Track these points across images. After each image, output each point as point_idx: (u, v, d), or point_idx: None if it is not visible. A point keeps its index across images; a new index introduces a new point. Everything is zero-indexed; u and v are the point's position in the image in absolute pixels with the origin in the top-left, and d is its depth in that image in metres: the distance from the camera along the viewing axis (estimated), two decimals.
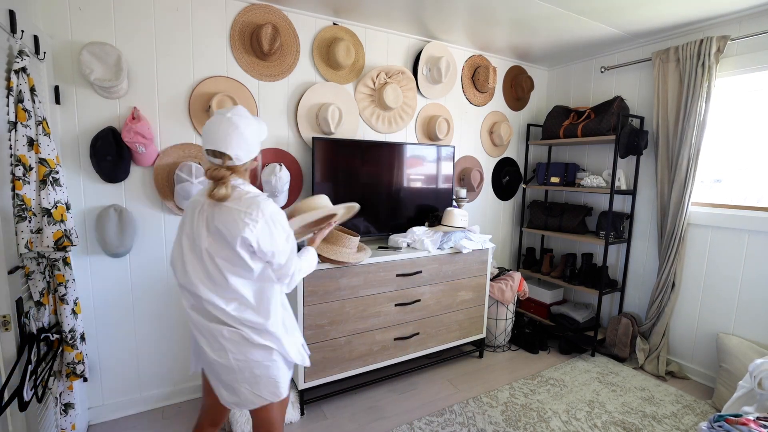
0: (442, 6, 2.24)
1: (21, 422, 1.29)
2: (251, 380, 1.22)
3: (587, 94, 3.16)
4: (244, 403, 1.26)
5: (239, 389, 1.23)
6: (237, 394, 1.24)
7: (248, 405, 1.26)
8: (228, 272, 1.17)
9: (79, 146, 1.86)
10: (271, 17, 2.22)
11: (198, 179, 1.97)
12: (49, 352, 1.49)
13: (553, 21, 2.40)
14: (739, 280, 2.33)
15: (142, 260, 2.06)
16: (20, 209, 1.30)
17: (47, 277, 1.51)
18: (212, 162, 1.16)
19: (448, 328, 2.55)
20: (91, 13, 1.82)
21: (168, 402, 2.21)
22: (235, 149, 1.15)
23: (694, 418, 2.14)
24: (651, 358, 2.62)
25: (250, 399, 1.24)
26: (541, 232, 3.22)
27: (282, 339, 1.26)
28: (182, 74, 2.05)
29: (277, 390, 1.27)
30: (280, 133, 2.35)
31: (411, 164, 2.64)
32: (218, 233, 1.16)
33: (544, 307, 3.17)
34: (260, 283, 1.23)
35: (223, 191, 1.13)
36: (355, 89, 2.56)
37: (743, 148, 2.40)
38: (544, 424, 2.07)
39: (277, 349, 1.25)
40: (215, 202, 1.16)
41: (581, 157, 3.22)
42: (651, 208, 2.76)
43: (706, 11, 2.22)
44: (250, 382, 1.22)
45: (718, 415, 1.44)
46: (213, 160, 1.16)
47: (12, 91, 1.29)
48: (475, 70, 3.04)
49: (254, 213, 1.13)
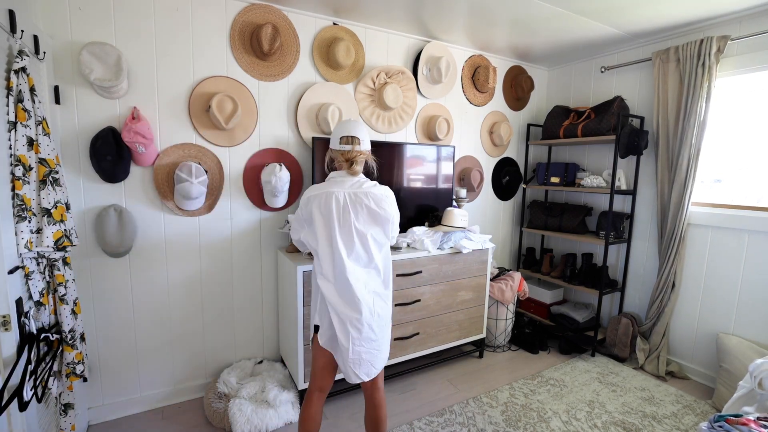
0: (442, 6, 2.24)
1: (21, 422, 1.29)
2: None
3: (587, 94, 3.16)
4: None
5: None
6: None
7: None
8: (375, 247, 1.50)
9: (79, 146, 1.86)
10: (271, 17, 2.22)
11: (198, 179, 1.97)
12: (49, 352, 1.49)
13: (553, 21, 2.40)
14: (739, 280, 2.33)
15: (142, 260, 2.06)
16: (20, 209, 1.30)
17: (47, 277, 1.50)
18: (343, 149, 1.50)
19: (448, 328, 2.55)
20: (91, 13, 1.82)
21: (168, 402, 2.21)
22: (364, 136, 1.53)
23: (694, 418, 2.14)
24: (651, 358, 2.62)
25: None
26: (541, 232, 3.22)
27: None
28: (182, 74, 2.05)
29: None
30: (280, 133, 2.35)
31: (411, 164, 2.64)
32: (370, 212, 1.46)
33: (544, 307, 3.17)
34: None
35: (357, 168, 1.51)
36: (355, 89, 2.56)
37: (743, 148, 2.40)
38: (544, 425, 2.07)
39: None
40: (357, 190, 1.46)
41: (581, 157, 3.22)
42: (651, 208, 2.76)
43: (706, 11, 2.22)
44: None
45: (719, 415, 1.44)
46: (344, 147, 1.49)
47: (12, 90, 1.29)
48: (475, 70, 3.04)
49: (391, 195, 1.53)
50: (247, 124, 2.23)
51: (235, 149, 2.23)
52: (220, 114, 2.05)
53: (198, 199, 2.07)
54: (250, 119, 2.24)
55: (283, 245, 2.43)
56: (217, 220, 2.23)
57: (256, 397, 2.05)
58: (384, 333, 1.53)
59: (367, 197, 1.45)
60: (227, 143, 2.19)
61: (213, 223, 2.22)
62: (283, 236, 2.43)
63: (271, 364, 2.35)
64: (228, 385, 2.12)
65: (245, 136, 2.24)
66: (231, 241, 2.28)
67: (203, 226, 2.20)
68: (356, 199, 1.45)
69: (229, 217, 2.26)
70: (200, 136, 2.12)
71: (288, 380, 2.24)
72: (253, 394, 2.05)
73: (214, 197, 2.19)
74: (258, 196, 2.31)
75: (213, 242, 2.23)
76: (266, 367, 2.32)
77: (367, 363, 1.49)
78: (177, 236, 2.13)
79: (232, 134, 2.19)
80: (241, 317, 2.37)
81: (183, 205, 2.07)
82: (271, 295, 2.45)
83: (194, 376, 2.28)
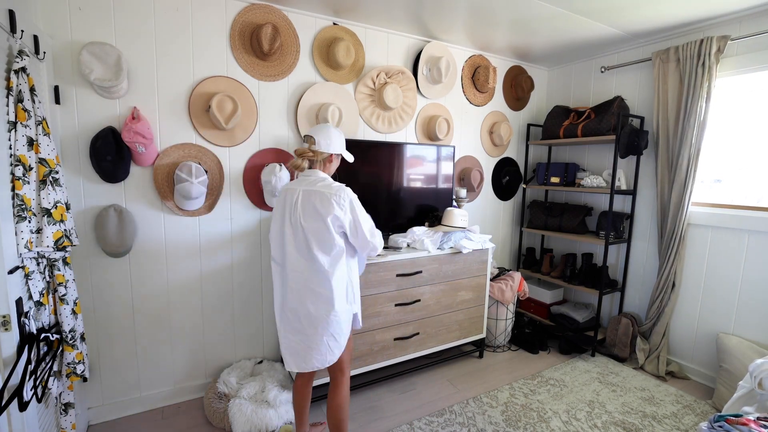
0: (442, 6, 2.24)
1: (21, 422, 1.29)
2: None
3: (587, 94, 3.16)
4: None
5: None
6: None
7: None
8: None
9: (78, 146, 1.86)
10: (271, 17, 2.22)
11: (198, 179, 1.97)
12: (48, 352, 1.49)
13: (553, 21, 2.40)
14: (739, 280, 2.33)
15: (142, 260, 2.06)
16: (20, 209, 1.30)
17: (47, 277, 1.50)
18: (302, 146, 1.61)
19: (448, 328, 2.55)
20: (91, 13, 1.82)
21: (168, 402, 2.21)
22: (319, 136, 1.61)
23: (694, 418, 2.14)
24: (651, 358, 2.62)
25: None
26: (541, 232, 3.22)
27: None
28: (182, 74, 2.05)
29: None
30: (280, 133, 2.35)
31: (411, 164, 2.64)
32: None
33: (544, 307, 3.17)
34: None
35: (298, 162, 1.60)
36: (355, 89, 2.56)
37: (743, 148, 2.40)
38: (544, 425, 2.07)
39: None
40: (311, 187, 1.53)
41: (581, 157, 3.22)
42: (651, 208, 2.76)
43: (706, 11, 2.22)
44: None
45: (719, 415, 1.44)
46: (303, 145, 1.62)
47: (12, 90, 1.29)
48: (475, 70, 3.04)
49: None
50: (247, 124, 2.23)
51: (235, 149, 2.23)
52: (220, 114, 2.05)
53: (198, 199, 2.07)
54: (250, 119, 2.24)
55: None
56: (217, 220, 2.23)
57: (256, 397, 2.05)
58: (314, 332, 1.54)
59: (315, 195, 1.52)
60: (227, 143, 2.19)
61: (213, 223, 2.22)
62: None
63: (271, 364, 2.35)
64: (228, 385, 2.12)
65: (245, 136, 2.24)
66: (231, 241, 2.28)
67: (203, 226, 2.20)
68: (306, 196, 1.54)
69: (229, 217, 2.26)
70: (200, 136, 2.12)
71: (288, 380, 2.24)
72: (253, 394, 2.05)
73: (214, 197, 2.19)
74: (258, 196, 2.31)
75: (213, 242, 2.23)
76: (266, 367, 2.32)
77: (297, 354, 1.58)
78: (177, 236, 2.13)
79: (232, 134, 2.19)
80: (241, 317, 2.37)
81: (183, 205, 2.07)
82: (271, 295, 2.45)
83: (194, 376, 2.28)
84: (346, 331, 1.61)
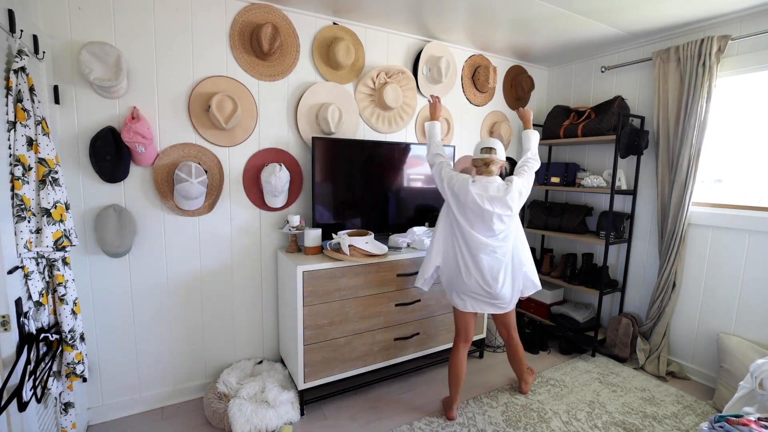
0: (442, 6, 2.24)
1: (20, 422, 1.29)
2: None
3: (587, 94, 3.15)
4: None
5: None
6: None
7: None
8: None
9: (78, 146, 1.86)
10: (271, 17, 2.21)
11: (198, 179, 1.97)
12: (48, 352, 1.49)
13: (553, 21, 2.40)
14: (739, 280, 2.33)
15: (142, 260, 2.06)
16: (19, 209, 1.29)
17: (46, 277, 1.50)
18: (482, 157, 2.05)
19: (448, 328, 2.55)
20: (91, 12, 1.82)
21: (168, 402, 2.20)
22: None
23: (694, 418, 2.14)
24: (651, 359, 2.62)
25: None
26: (542, 232, 3.22)
27: None
28: (182, 74, 2.05)
29: None
30: (280, 133, 2.35)
31: (411, 164, 2.64)
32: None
33: (545, 307, 3.17)
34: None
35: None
36: (355, 89, 2.56)
37: (744, 148, 2.40)
38: (544, 425, 2.06)
39: None
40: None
41: (581, 157, 3.22)
42: (651, 208, 2.75)
43: (707, 11, 2.22)
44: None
45: (719, 415, 1.43)
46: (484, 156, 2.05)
47: (11, 90, 1.28)
48: (475, 69, 3.04)
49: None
50: (247, 124, 2.23)
51: (235, 149, 2.23)
52: (219, 114, 2.04)
53: (198, 199, 2.07)
54: (250, 119, 2.23)
55: (283, 245, 2.42)
56: (217, 220, 2.23)
57: (256, 397, 2.04)
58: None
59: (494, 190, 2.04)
60: (227, 143, 2.19)
61: (213, 223, 2.22)
62: (283, 236, 2.43)
63: (271, 364, 2.35)
64: (228, 386, 2.11)
65: (245, 135, 2.23)
66: (231, 241, 2.28)
67: (203, 226, 2.20)
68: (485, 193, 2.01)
69: (229, 217, 2.26)
70: (200, 136, 2.12)
71: (288, 380, 2.24)
72: (253, 394, 2.05)
73: (214, 197, 2.19)
74: (258, 196, 2.31)
75: (213, 242, 2.23)
76: (266, 367, 2.32)
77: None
78: (177, 236, 2.13)
79: (232, 134, 2.19)
80: (241, 317, 2.37)
81: (183, 205, 2.07)
82: (271, 295, 2.45)
83: (194, 376, 2.28)
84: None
